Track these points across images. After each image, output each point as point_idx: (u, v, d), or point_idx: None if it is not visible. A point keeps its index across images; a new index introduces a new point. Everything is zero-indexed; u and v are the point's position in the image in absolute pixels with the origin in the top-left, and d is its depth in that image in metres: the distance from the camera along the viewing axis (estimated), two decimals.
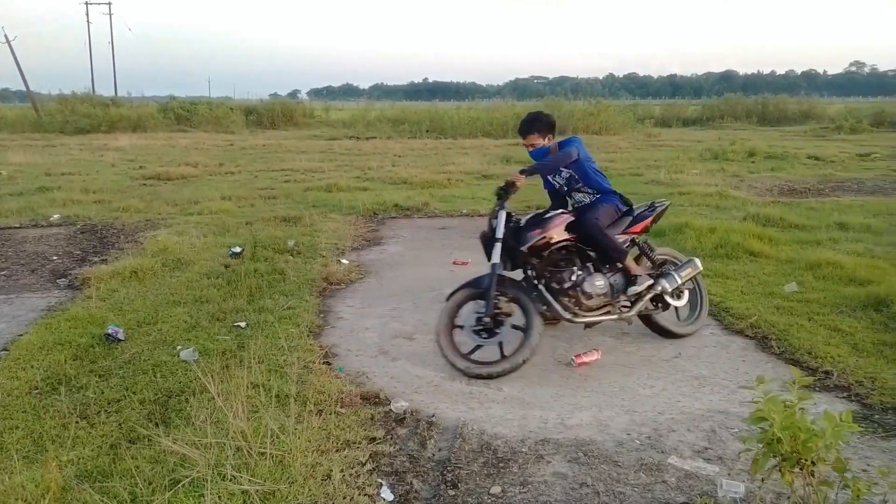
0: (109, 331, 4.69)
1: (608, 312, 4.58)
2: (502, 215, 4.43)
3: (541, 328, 4.25)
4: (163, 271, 6.45)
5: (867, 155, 18.15)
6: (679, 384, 4.15)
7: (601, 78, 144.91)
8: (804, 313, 5.33)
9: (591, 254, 4.66)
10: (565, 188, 4.84)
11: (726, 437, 3.47)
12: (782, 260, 7.06)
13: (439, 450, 3.37)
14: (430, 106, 36.92)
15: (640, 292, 4.62)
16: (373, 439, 3.43)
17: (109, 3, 61.50)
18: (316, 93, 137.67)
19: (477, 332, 4.33)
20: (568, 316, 4.46)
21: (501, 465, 3.22)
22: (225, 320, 5.14)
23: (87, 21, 58.14)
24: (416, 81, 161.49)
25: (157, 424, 3.45)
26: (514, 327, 4.33)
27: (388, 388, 4.09)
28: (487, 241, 4.50)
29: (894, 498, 2.07)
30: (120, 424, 3.49)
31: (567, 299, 4.47)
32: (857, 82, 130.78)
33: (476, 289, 4.39)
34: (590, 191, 4.76)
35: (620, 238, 4.69)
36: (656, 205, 5.02)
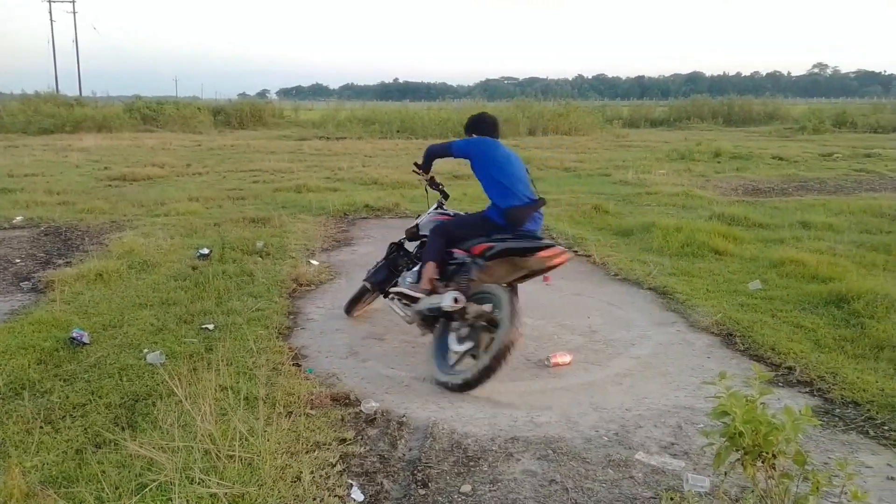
0: (74, 334, 4.62)
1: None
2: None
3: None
4: (129, 273, 6.36)
5: (829, 155, 18.56)
6: (646, 381, 4.21)
7: (570, 79, 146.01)
8: (768, 310, 5.44)
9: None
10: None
11: (692, 433, 3.53)
12: (747, 258, 7.20)
13: (410, 449, 3.38)
14: (401, 106, 36.90)
15: (395, 292, 4.77)
16: (343, 440, 3.43)
17: (73, 2, 60.43)
18: (285, 93, 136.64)
19: None
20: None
21: (472, 463, 3.24)
22: (192, 322, 5.09)
23: (51, 19, 57.14)
24: (386, 82, 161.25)
25: (123, 428, 3.41)
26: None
27: (358, 388, 4.08)
28: None
29: (852, 488, 2.13)
30: (85, 429, 3.44)
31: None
32: (820, 84, 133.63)
33: None
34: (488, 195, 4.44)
35: (459, 252, 4.39)
36: (521, 240, 4.21)
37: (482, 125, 4.68)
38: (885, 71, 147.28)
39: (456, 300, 4.05)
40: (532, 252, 4.09)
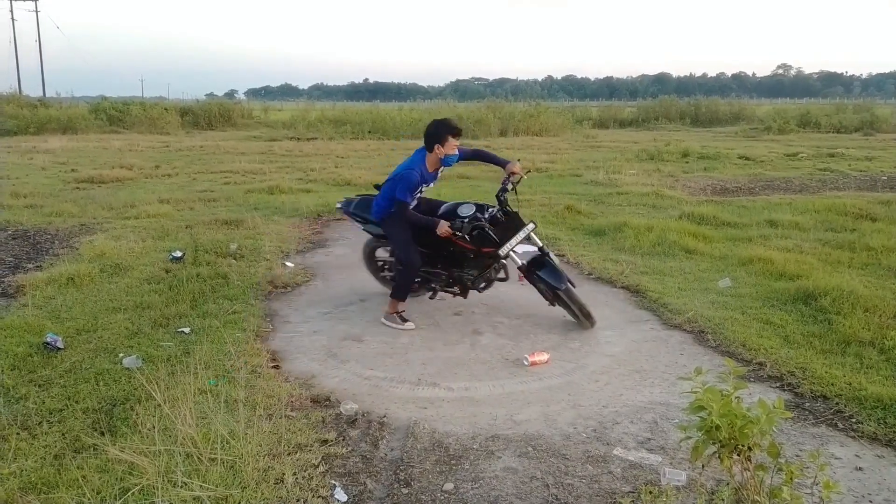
0: (48, 339, 4.56)
1: None
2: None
3: None
4: (101, 277, 6.29)
5: (794, 154, 18.94)
6: (622, 378, 4.29)
7: (540, 80, 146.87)
8: (738, 307, 5.56)
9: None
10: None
11: (668, 428, 3.61)
12: (716, 257, 7.35)
13: (392, 449, 3.41)
14: (372, 107, 36.75)
15: None
16: (325, 441, 3.44)
17: (36, 1, 59.18)
18: (254, 93, 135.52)
19: None
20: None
21: (453, 462, 3.28)
22: (168, 326, 5.06)
23: (12, 19, 55.87)
24: (356, 82, 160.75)
25: (102, 433, 3.39)
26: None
27: (338, 390, 4.10)
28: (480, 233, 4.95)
29: (824, 478, 2.21)
30: (63, 434, 3.41)
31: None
32: (785, 85, 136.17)
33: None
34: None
35: None
36: None
37: (440, 129, 5.08)
38: (846, 72, 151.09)
39: None
40: None
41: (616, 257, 7.27)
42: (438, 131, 4.98)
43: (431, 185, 5.26)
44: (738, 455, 2.24)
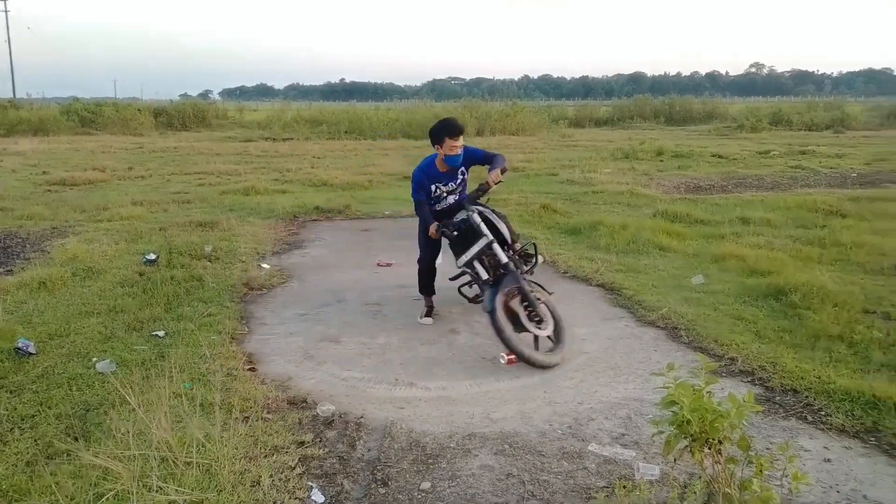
0: (19, 344, 4.50)
1: None
2: (492, 215, 4.99)
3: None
4: (73, 281, 6.21)
5: (766, 152, 19.22)
6: (596, 375, 4.34)
7: (516, 79, 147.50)
8: (710, 304, 5.64)
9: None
10: (457, 191, 5.32)
11: (641, 424, 3.66)
12: (689, 254, 7.45)
13: (369, 450, 3.42)
14: (348, 106, 36.69)
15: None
16: (301, 443, 3.44)
17: (5, 0, 58.11)
18: (229, 93, 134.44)
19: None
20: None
21: (430, 461, 3.29)
22: (142, 330, 5.01)
23: None
24: (332, 81, 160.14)
25: (76, 439, 3.35)
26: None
27: (315, 391, 4.09)
28: (459, 239, 4.88)
29: (793, 470, 2.26)
30: (36, 440, 3.37)
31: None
32: (757, 83, 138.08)
33: (511, 286, 4.61)
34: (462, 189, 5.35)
35: None
36: None
37: (436, 130, 5.12)
38: (818, 70, 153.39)
39: None
40: None
41: (591, 255, 7.33)
42: (435, 132, 5.06)
43: (451, 185, 5.27)
44: (709, 448, 2.28)
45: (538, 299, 4.67)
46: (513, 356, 4.49)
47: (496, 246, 4.76)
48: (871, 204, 10.31)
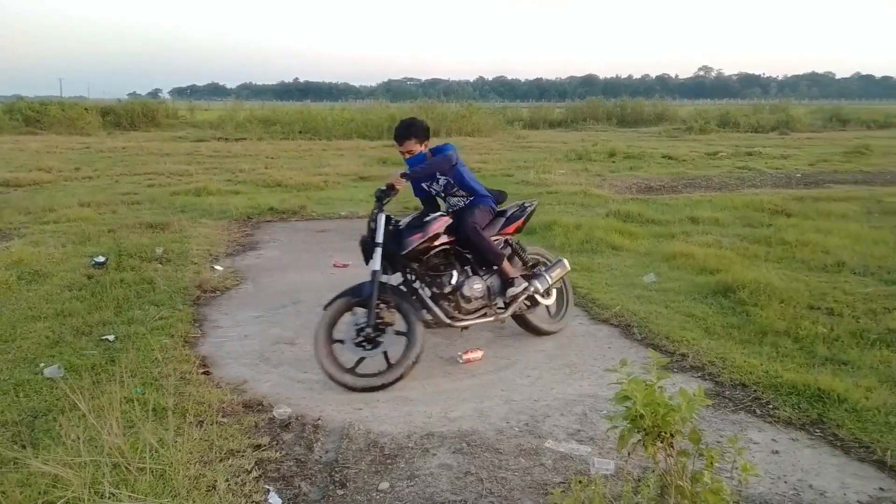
0: None
1: (485, 315, 4.65)
2: (381, 219, 4.32)
3: (423, 333, 4.26)
4: (18, 285, 6.02)
5: (714, 154, 19.69)
6: (552, 372, 4.39)
7: (472, 80, 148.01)
8: (662, 301, 5.76)
9: (469, 256, 4.69)
10: (441, 193, 4.85)
11: (596, 419, 3.72)
12: (641, 253, 7.59)
13: (326, 451, 3.40)
14: (303, 106, 36.32)
15: (517, 294, 4.70)
16: (258, 446, 3.40)
17: None
18: (179, 92, 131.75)
19: (359, 345, 4.18)
20: (447, 321, 4.48)
21: (389, 461, 3.29)
22: (91, 334, 4.89)
23: None
24: (286, 81, 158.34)
25: (23, 446, 3.25)
26: (398, 333, 4.25)
27: (271, 394, 4.05)
28: (367, 245, 4.39)
29: (742, 462, 2.32)
30: None
31: (447, 303, 4.49)
32: (706, 86, 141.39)
33: (356, 297, 4.26)
34: (464, 194, 4.78)
35: (495, 239, 4.76)
36: (526, 205, 5.12)
37: (429, 130, 4.74)
38: (764, 74, 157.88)
39: None
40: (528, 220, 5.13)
41: None
42: (425, 130, 4.72)
43: (435, 186, 4.80)
44: (662, 442, 2.33)
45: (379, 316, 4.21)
46: (471, 356, 4.52)
47: (377, 251, 4.31)
48: (814, 203, 10.66)
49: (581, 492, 2.70)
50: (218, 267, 6.92)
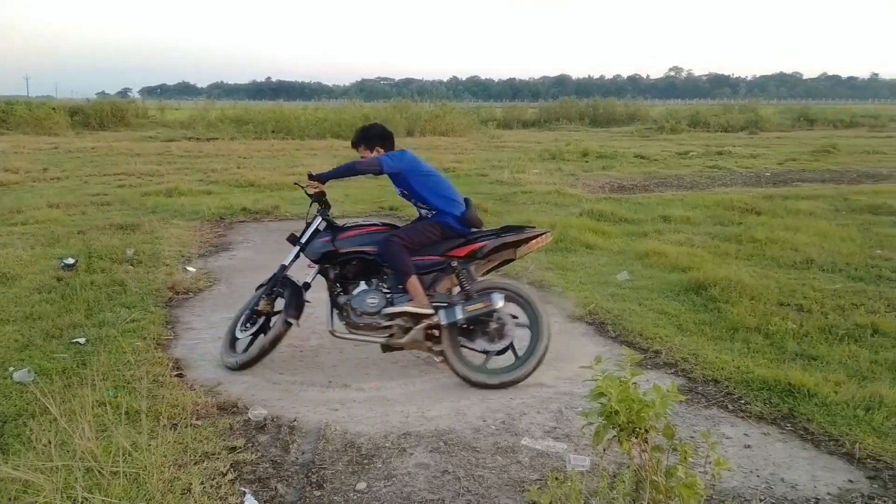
0: None
1: (376, 334, 4.35)
2: (315, 222, 4.53)
3: (283, 328, 4.37)
4: None
5: (685, 153, 19.93)
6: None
7: (445, 80, 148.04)
8: (635, 299, 5.83)
9: (388, 271, 4.40)
10: (410, 201, 4.61)
11: (572, 417, 3.75)
12: (615, 251, 7.67)
13: (303, 453, 3.39)
14: (275, 106, 36.04)
15: (395, 314, 4.24)
16: (233, 449, 3.38)
17: None
18: (149, 91, 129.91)
19: (245, 328, 4.55)
20: (331, 328, 4.37)
21: (366, 461, 3.29)
22: (62, 337, 4.81)
23: None
24: (258, 80, 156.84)
25: None
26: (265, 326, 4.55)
27: (245, 396, 4.02)
28: (293, 241, 4.60)
29: (715, 456, 2.36)
30: None
31: (340, 312, 4.39)
32: (676, 86, 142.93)
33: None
34: (425, 207, 4.49)
35: (431, 259, 4.35)
36: (503, 234, 4.42)
37: (387, 138, 4.56)
38: (733, 74, 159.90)
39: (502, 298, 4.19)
40: (526, 241, 4.40)
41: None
42: (370, 136, 4.57)
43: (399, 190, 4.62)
44: (636, 438, 2.36)
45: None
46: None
47: (294, 250, 4.52)
48: (783, 202, 10.84)
49: (557, 488, 2.73)
50: (190, 268, 6.85)
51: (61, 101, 38.93)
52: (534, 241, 4.43)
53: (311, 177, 4.37)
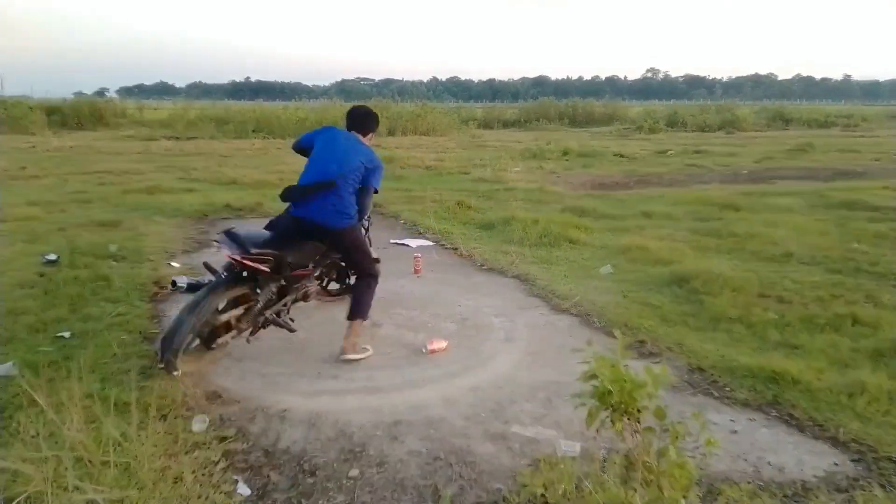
0: None
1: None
2: None
3: None
4: None
5: (664, 152, 20.13)
6: (516, 360, 4.45)
7: (425, 81, 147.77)
8: (619, 291, 5.89)
9: None
10: None
11: (560, 405, 3.79)
12: (597, 246, 7.74)
13: (294, 442, 3.39)
14: (255, 105, 35.77)
15: None
16: (223, 438, 3.37)
17: None
18: (127, 91, 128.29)
19: None
20: None
21: (357, 449, 3.30)
22: (46, 331, 4.76)
23: None
24: (237, 80, 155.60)
25: None
26: None
27: (234, 388, 4.01)
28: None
29: (706, 436, 2.41)
30: None
31: None
32: (653, 87, 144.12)
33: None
34: None
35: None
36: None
37: (348, 119, 4.76)
38: (709, 76, 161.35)
39: None
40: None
41: (506, 249, 7.49)
42: (377, 120, 4.83)
43: None
44: (629, 419, 2.40)
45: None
46: (435, 346, 4.54)
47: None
48: (761, 198, 10.99)
49: (550, 471, 2.77)
50: (175, 264, 6.81)
51: (38, 101, 38.30)
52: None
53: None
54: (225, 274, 4.27)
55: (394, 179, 13.05)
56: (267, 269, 4.16)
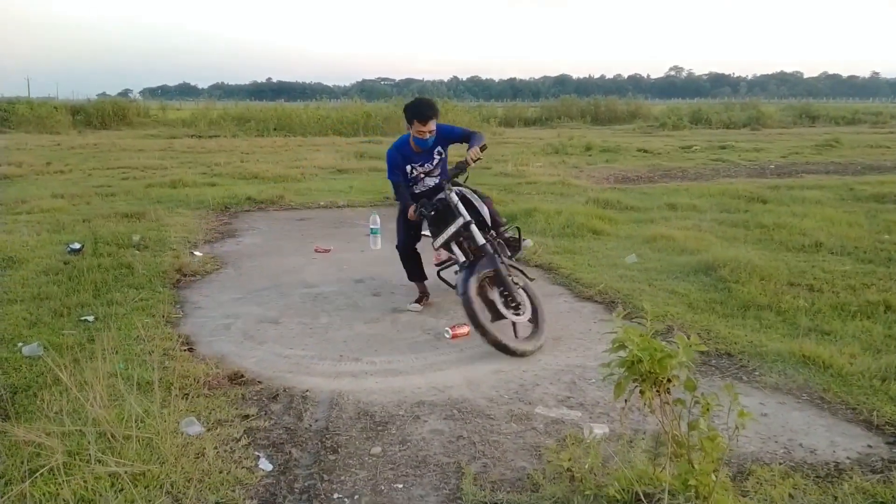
0: None
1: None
2: (472, 196, 4.89)
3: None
4: None
5: (688, 147, 19.89)
6: (539, 345, 4.37)
7: (446, 80, 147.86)
8: (644, 280, 5.79)
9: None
10: (435, 173, 5.22)
11: (585, 387, 3.73)
12: (622, 236, 7.64)
13: (316, 420, 3.36)
14: (277, 105, 35.98)
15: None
16: (246, 416, 3.36)
17: None
18: (150, 92, 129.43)
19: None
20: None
21: (380, 428, 3.26)
22: (70, 315, 4.79)
23: None
24: (259, 81, 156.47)
25: (4, 419, 3.17)
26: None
27: (256, 369, 4.00)
28: (436, 219, 4.69)
29: (738, 408, 2.32)
30: None
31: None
32: (677, 85, 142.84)
33: (486, 270, 4.39)
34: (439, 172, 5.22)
35: None
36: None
37: (406, 111, 4.94)
38: (733, 73, 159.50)
39: None
40: None
41: (529, 239, 7.40)
42: (406, 113, 4.91)
43: (427, 166, 5.13)
44: (658, 390, 2.33)
45: (516, 284, 4.47)
46: (458, 331, 4.49)
47: (473, 227, 4.52)
48: (789, 191, 10.79)
49: (577, 448, 2.71)
50: (197, 252, 6.83)
51: (63, 102, 38.83)
52: None
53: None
54: None
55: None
56: None
